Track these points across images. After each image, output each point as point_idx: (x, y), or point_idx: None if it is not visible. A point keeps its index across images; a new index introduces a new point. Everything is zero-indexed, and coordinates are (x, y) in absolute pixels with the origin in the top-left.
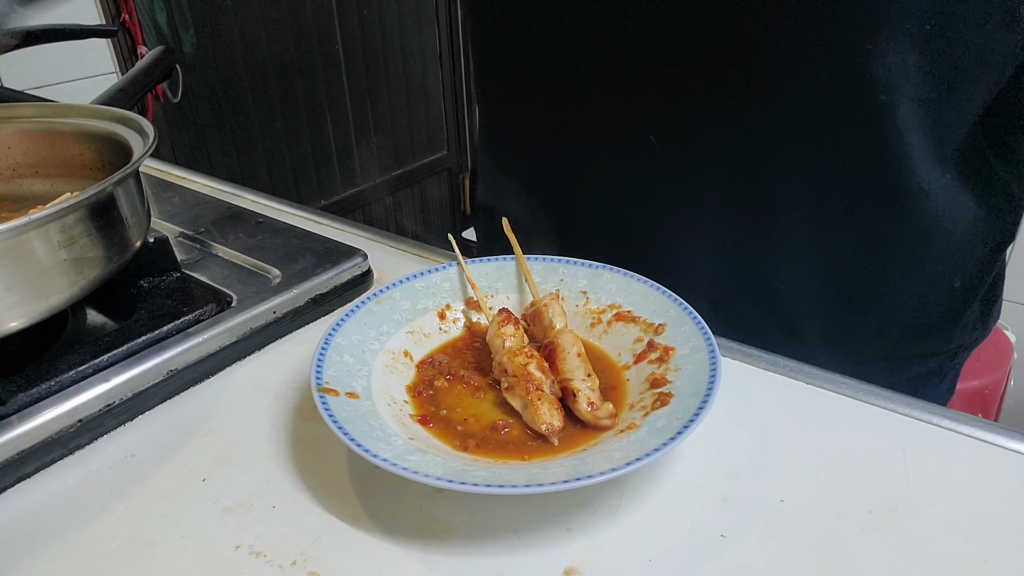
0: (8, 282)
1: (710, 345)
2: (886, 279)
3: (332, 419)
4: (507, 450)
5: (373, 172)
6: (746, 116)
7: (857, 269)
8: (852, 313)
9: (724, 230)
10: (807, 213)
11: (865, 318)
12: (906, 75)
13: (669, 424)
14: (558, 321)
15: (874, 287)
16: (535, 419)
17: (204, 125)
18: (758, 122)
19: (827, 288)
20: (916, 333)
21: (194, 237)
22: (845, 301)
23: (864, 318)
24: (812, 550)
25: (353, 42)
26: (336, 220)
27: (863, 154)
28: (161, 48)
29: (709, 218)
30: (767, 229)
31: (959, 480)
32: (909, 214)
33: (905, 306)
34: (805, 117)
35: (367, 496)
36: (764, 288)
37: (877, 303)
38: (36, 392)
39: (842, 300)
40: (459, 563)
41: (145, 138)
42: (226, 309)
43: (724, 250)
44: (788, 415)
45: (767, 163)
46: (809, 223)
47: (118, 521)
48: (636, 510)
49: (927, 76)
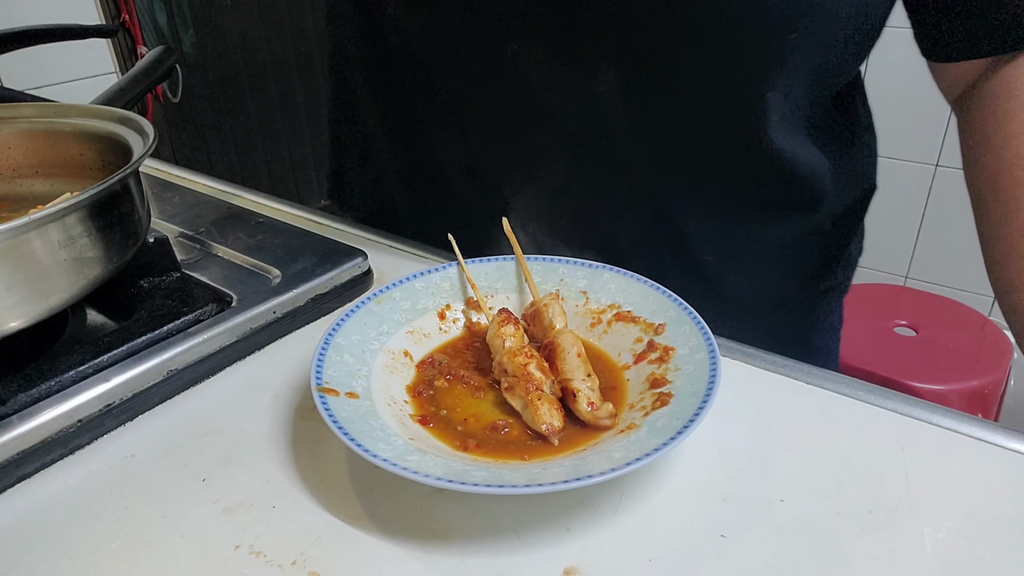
0: (8, 282)
1: (710, 345)
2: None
3: (332, 419)
4: (507, 450)
5: None
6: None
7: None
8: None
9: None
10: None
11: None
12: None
13: (669, 424)
14: (558, 321)
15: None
16: (535, 419)
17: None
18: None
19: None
20: (807, 277)
21: (194, 237)
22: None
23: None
24: (812, 550)
25: None
26: (336, 220)
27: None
28: (161, 48)
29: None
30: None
31: (959, 480)
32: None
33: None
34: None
35: (367, 496)
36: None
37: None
38: (36, 392)
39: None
40: (459, 563)
41: (145, 138)
42: (226, 309)
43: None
44: (788, 415)
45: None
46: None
47: (118, 521)
48: (636, 510)
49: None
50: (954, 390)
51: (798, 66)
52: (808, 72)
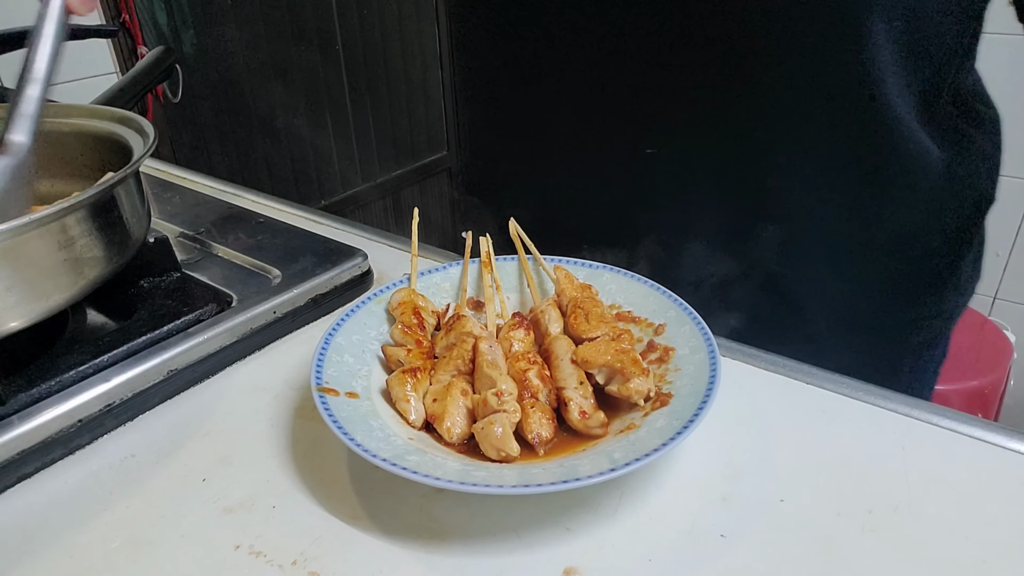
0: (8, 282)
1: (710, 345)
2: (872, 247)
3: (332, 419)
4: None
5: (373, 172)
6: (738, 113)
7: (845, 242)
8: (845, 283)
9: (725, 228)
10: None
11: (858, 287)
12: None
13: (669, 424)
14: (553, 327)
15: (863, 256)
16: (524, 427)
17: (204, 125)
18: (750, 118)
19: (821, 263)
20: (908, 298)
21: (194, 237)
22: (838, 273)
23: (857, 287)
24: (812, 550)
25: (353, 42)
26: (336, 220)
27: (852, 140)
28: (161, 48)
29: (708, 215)
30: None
31: (959, 480)
32: (893, 184)
33: (894, 271)
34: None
35: (367, 496)
36: (764, 274)
37: (867, 271)
38: (36, 392)
39: (836, 273)
40: (459, 563)
41: (145, 138)
42: (226, 309)
43: (728, 247)
44: (788, 415)
45: (760, 161)
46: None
47: (118, 521)
48: (636, 510)
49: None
50: (954, 390)
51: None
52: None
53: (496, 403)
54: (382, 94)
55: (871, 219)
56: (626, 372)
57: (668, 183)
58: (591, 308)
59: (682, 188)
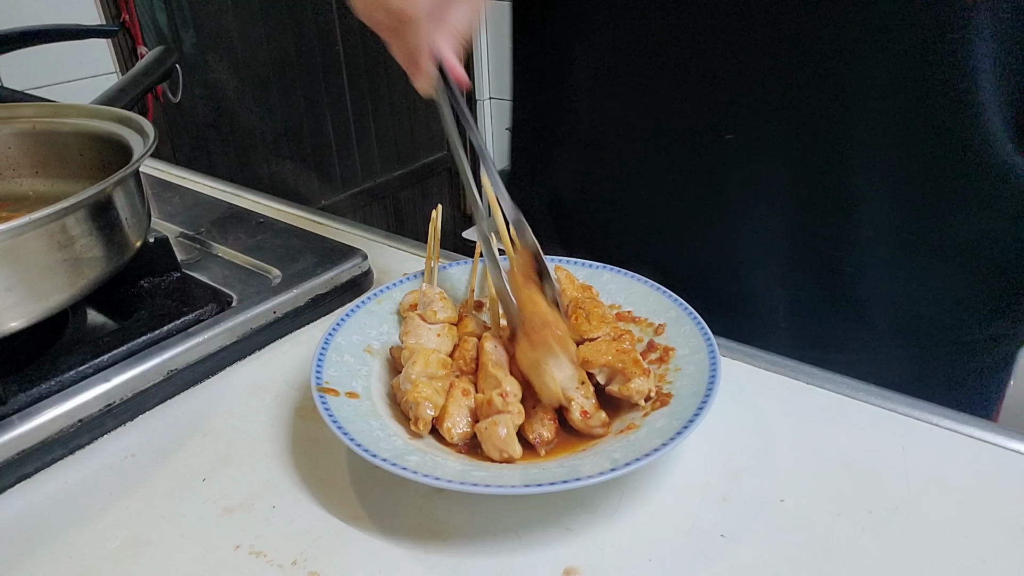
0: (8, 282)
1: (710, 345)
2: (954, 258)
3: (332, 419)
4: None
5: (373, 172)
6: (818, 107)
7: (926, 252)
8: (921, 294)
9: (796, 222)
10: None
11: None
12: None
13: (669, 424)
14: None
15: (942, 268)
16: (526, 428)
17: (204, 125)
18: (830, 112)
19: (892, 263)
20: (983, 315)
21: (194, 237)
22: (915, 284)
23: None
24: (812, 550)
25: (353, 42)
26: (336, 220)
27: (939, 140)
28: (161, 48)
29: (780, 211)
30: (838, 217)
31: (959, 480)
32: (981, 194)
33: (972, 285)
34: (878, 105)
35: (367, 496)
36: (836, 276)
37: (945, 284)
38: (36, 392)
39: (911, 282)
40: (459, 563)
41: (145, 138)
42: (226, 309)
43: (797, 242)
44: (788, 415)
45: (840, 153)
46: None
47: (118, 521)
48: (636, 510)
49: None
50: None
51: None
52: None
53: (501, 404)
54: (382, 94)
55: (947, 221)
56: (627, 372)
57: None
58: (592, 308)
59: (757, 178)
